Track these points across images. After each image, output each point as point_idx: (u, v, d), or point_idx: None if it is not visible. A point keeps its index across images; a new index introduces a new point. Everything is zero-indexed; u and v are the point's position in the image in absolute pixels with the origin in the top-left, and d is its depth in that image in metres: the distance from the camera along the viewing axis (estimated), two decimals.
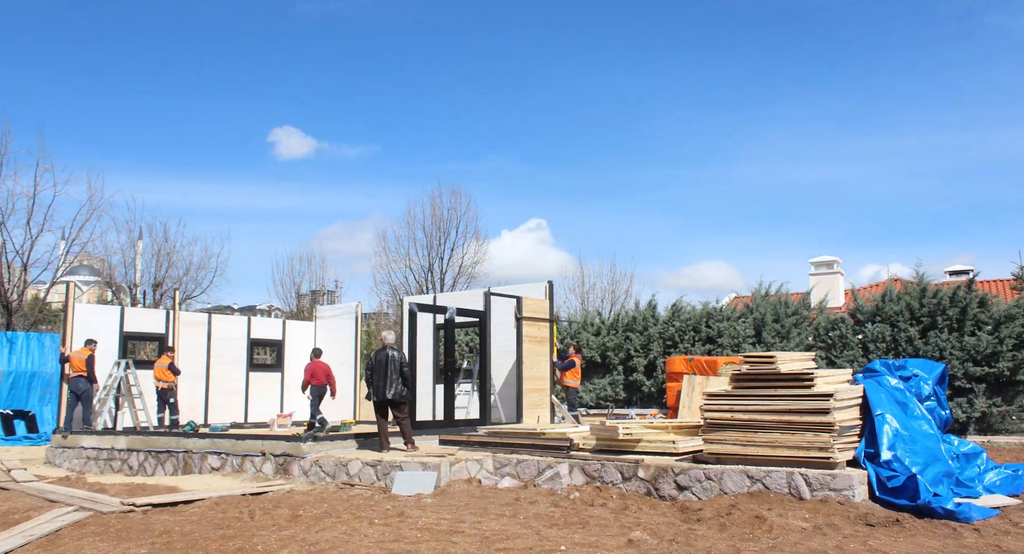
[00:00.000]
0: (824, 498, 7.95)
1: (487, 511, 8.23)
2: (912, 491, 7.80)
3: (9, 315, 23.61)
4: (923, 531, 7.10)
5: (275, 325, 19.78)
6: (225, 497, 9.61)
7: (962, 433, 17.06)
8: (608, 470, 9.44)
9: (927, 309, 18.67)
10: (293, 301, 36.75)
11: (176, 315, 17.43)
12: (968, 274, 20.50)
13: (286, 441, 11.68)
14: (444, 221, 33.09)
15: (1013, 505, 8.16)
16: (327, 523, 7.76)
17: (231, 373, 18.16)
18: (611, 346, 22.86)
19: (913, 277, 19.71)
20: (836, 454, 8.20)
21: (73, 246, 25.41)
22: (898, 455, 8.28)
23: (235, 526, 7.81)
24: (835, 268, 32.39)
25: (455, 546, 6.62)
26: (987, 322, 18.09)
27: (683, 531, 7.13)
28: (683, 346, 21.42)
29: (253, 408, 18.42)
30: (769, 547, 6.51)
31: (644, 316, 22.93)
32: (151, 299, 29.17)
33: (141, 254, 29.48)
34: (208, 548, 6.85)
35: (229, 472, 12.03)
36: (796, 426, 8.42)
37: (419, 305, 14.61)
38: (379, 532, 7.22)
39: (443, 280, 32.94)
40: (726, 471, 8.61)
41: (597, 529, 7.25)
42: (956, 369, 17.73)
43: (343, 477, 10.69)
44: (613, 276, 36.12)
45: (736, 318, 21.32)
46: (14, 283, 24.24)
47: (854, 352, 19.17)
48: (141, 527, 7.90)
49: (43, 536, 7.84)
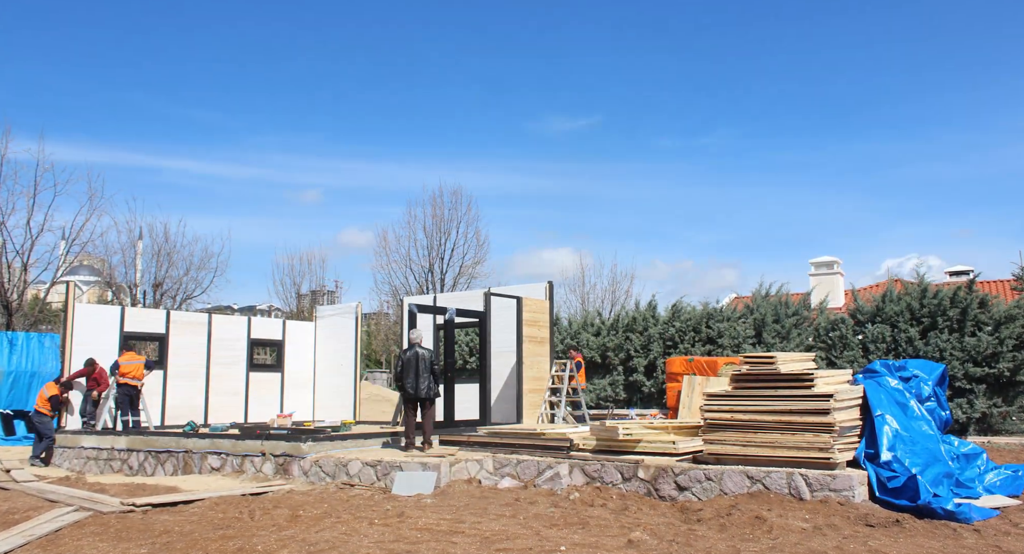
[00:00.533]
0: (824, 498, 7.94)
1: (487, 511, 8.22)
2: (912, 491, 7.80)
3: (9, 315, 23.60)
4: (923, 532, 7.09)
5: (275, 325, 19.77)
6: (225, 497, 9.61)
7: (962, 434, 17.06)
8: (608, 470, 9.44)
9: (927, 310, 18.67)
10: (293, 301, 36.77)
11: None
12: (968, 275, 20.50)
13: (286, 441, 11.68)
14: (444, 221, 33.12)
15: (1013, 506, 8.16)
16: (327, 523, 7.76)
17: (231, 373, 18.14)
18: (611, 346, 22.86)
19: (914, 278, 19.72)
20: (836, 454, 8.20)
21: (73, 246, 25.42)
22: (898, 456, 8.28)
23: (235, 526, 7.80)
24: (835, 268, 32.42)
25: (455, 546, 6.61)
26: (987, 323, 18.08)
27: (683, 531, 7.13)
28: (683, 346, 21.42)
29: (253, 408, 18.41)
30: (769, 547, 6.51)
31: (644, 316, 22.94)
32: (151, 299, 29.17)
33: (141, 254, 29.49)
34: (208, 548, 6.85)
35: (229, 472, 12.03)
36: (796, 426, 8.42)
37: (419, 306, 14.61)
38: (379, 532, 7.22)
39: (443, 280, 32.97)
40: (726, 471, 8.60)
41: (597, 529, 7.24)
42: (956, 370, 17.72)
43: (343, 477, 10.69)
44: (614, 276, 36.19)
45: (736, 318, 21.32)
46: (14, 283, 24.23)
47: (854, 352, 19.16)
48: (141, 527, 7.90)
49: (43, 536, 7.84)
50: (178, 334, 17.14)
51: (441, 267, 33.11)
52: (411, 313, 13.65)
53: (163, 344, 17.18)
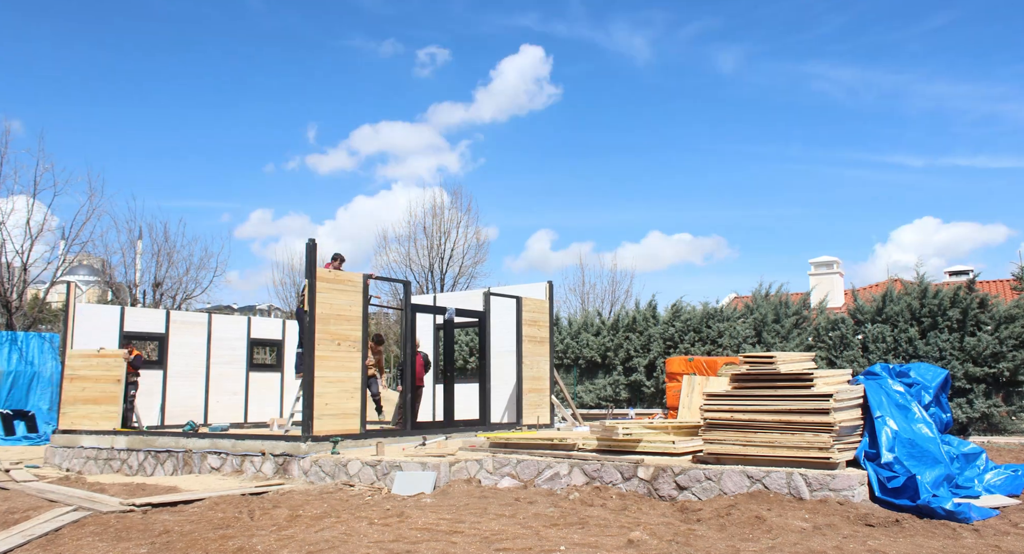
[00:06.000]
0: (824, 498, 7.94)
1: (487, 511, 8.22)
2: (912, 491, 7.80)
3: (9, 315, 23.62)
4: (923, 531, 7.09)
5: (275, 325, 19.77)
6: (225, 497, 9.61)
7: (962, 434, 17.07)
8: (608, 470, 9.44)
9: (927, 310, 18.67)
10: (293, 301, 36.74)
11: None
12: (968, 275, 20.50)
13: (285, 441, 11.68)
14: (445, 221, 33.13)
15: (1013, 505, 8.16)
16: (326, 523, 7.76)
17: (231, 373, 18.15)
18: (611, 346, 22.87)
19: (914, 277, 19.72)
20: (836, 454, 8.20)
21: (73, 246, 25.44)
22: (898, 457, 8.28)
23: (235, 526, 7.80)
24: (835, 268, 32.45)
25: (455, 546, 6.61)
26: (987, 323, 18.09)
27: (682, 531, 7.12)
28: (683, 347, 21.43)
29: (253, 408, 18.42)
30: (768, 547, 6.51)
31: (644, 316, 22.95)
32: (151, 299, 29.18)
33: (141, 254, 29.52)
34: (207, 548, 6.85)
35: (229, 472, 12.03)
36: (796, 426, 8.42)
37: (418, 306, 14.62)
38: (379, 532, 7.22)
39: (443, 280, 32.97)
40: (726, 471, 8.60)
41: (596, 529, 7.24)
42: (956, 370, 17.73)
43: (343, 477, 10.70)
44: (613, 276, 36.21)
45: (736, 318, 21.33)
46: (14, 283, 24.25)
47: (854, 352, 19.18)
48: (140, 527, 7.90)
49: (42, 536, 7.84)
50: (178, 334, 17.15)
51: (441, 267, 33.12)
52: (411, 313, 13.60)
53: (163, 344, 17.19)
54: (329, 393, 11.72)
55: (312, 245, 11.87)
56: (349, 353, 12.07)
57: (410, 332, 13.43)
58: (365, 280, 12.55)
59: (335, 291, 12.02)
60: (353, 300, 12.26)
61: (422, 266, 33.13)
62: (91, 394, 14.63)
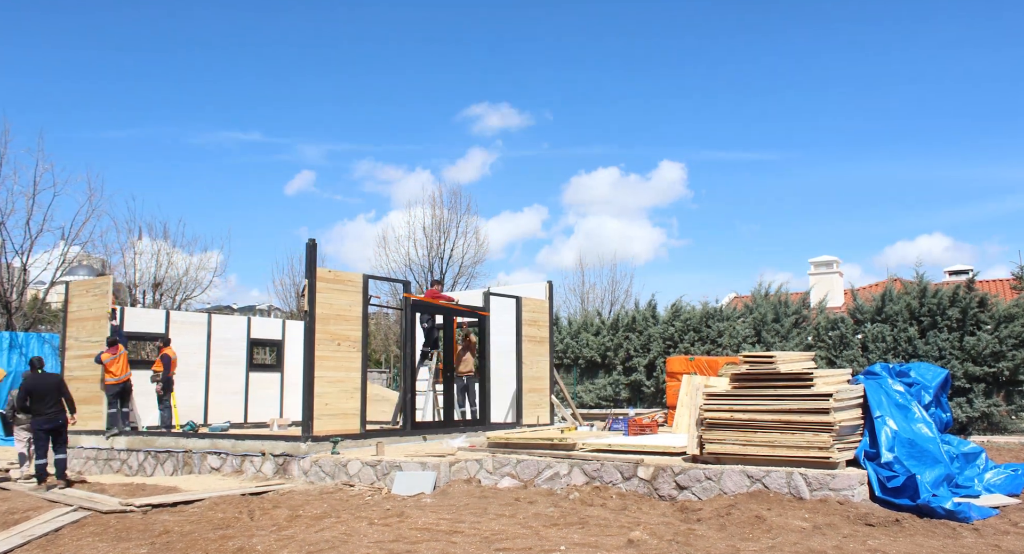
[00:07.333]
0: (824, 498, 7.94)
1: (487, 511, 8.22)
2: (912, 491, 7.80)
3: (9, 315, 23.60)
4: (923, 531, 7.09)
5: (275, 325, 19.76)
6: (225, 497, 9.61)
7: (962, 433, 17.07)
8: (607, 470, 9.44)
9: (927, 309, 18.68)
10: (293, 301, 36.73)
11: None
12: (968, 274, 20.50)
13: (285, 441, 11.68)
14: (444, 220, 33.10)
15: (1012, 505, 8.16)
16: (326, 523, 7.76)
17: (231, 373, 18.14)
18: (611, 346, 22.87)
19: (913, 277, 19.72)
20: (835, 454, 8.20)
21: (73, 246, 25.42)
22: (898, 457, 8.28)
23: (235, 526, 7.80)
24: (834, 268, 32.45)
25: (455, 546, 6.61)
26: (987, 322, 18.09)
27: (682, 531, 7.12)
28: (683, 346, 21.43)
29: (253, 408, 18.41)
30: (768, 547, 6.51)
31: (644, 316, 22.95)
32: (151, 299, 29.16)
33: (141, 254, 29.50)
34: (207, 548, 6.85)
35: (229, 472, 12.03)
36: (796, 426, 8.42)
37: (419, 304, 14.58)
38: (379, 532, 7.22)
39: (443, 280, 32.94)
40: (725, 471, 8.61)
41: (596, 529, 7.24)
42: (956, 369, 17.73)
43: (343, 477, 10.69)
44: (613, 276, 36.21)
45: (736, 318, 21.33)
46: (14, 283, 24.23)
47: (854, 352, 19.18)
48: (140, 527, 7.90)
49: (42, 536, 7.85)
50: (178, 334, 17.13)
51: (441, 266, 33.10)
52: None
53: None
54: (329, 393, 11.72)
55: (312, 245, 11.86)
56: (349, 353, 12.07)
57: (410, 332, 13.42)
58: (365, 280, 12.55)
59: (335, 291, 12.02)
60: (353, 300, 12.26)
61: (422, 266, 33.12)
62: (81, 395, 14.58)
